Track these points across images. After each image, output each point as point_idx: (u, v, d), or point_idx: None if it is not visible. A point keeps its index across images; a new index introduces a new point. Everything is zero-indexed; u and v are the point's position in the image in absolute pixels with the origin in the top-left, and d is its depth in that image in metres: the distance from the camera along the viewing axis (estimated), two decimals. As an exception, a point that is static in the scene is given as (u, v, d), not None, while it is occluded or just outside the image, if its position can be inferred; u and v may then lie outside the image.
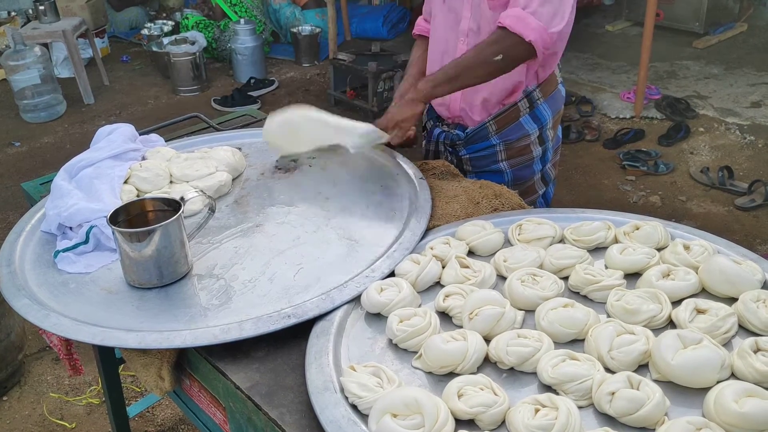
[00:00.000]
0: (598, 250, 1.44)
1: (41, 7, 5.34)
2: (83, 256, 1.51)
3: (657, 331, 1.17)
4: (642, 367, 1.12)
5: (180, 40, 5.75)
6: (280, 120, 1.86)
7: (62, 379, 2.81)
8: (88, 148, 1.82)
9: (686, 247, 1.37)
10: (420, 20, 2.09)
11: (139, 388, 2.73)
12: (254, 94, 5.51)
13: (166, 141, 2.00)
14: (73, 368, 1.77)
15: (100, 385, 2.55)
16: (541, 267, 1.37)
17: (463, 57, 1.74)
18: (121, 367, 2.15)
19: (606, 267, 1.36)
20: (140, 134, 1.94)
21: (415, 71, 2.03)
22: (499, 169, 1.95)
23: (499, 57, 1.69)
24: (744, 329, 1.18)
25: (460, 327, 1.23)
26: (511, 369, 1.14)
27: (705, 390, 1.05)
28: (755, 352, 1.09)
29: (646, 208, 3.78)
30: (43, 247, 1.58)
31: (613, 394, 1.02)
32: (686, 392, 1.06)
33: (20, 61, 5.06)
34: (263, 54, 5.99)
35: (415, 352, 1.19)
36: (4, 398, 2.71)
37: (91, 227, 1.51)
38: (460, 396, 1.05)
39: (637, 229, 1.45)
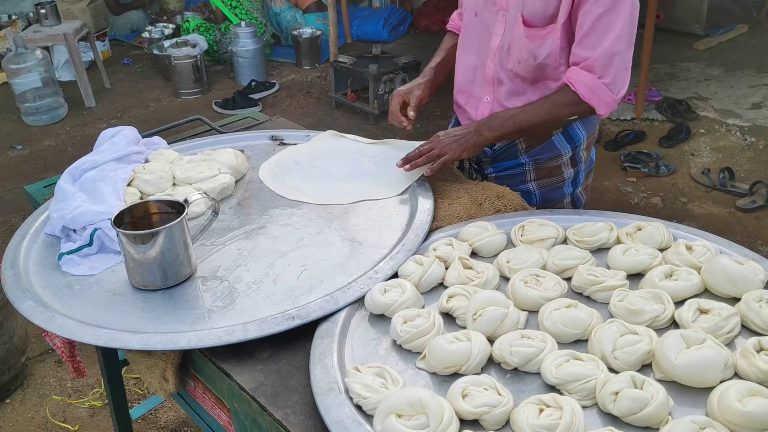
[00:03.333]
0: (600, 250, 1.44)
1: (42, 11, 5.35)
2: (87, 259, 1.51)
3: (660, 331, 1.17)
4: (645, 367, 1.12)
5: (181, 42, 5.76)
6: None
7: (65, 382, 2.81)
8: (91, 150, 1.82)
9: (689, 248, 1.37)
10: (455, 15, 2.02)
11: (142, 390, 2.73)
12: (255, 96, 5.52)
13: (168, 143, 2.00)
14: (76, 371, 1.77)
15: (103, 388, 2.55)
16: (544, 268, 1.37)
17: (535, 111, 1.69)
18: (124, 369, 2.15)
19: (609, 268, 1.37)
20: (143, 137, 1.94)
21: (443, 57, 1.97)
22: (527, 189, 1.88)
23: (574, 117, 1.71)
24: (747, 329, 1.19)
25: (464, 328, 1.23)
26: (515, 369, 1.14)
27: (708, 389, 1.05)
28: (758, 351, 1.09)
29: (647, 210, 3.79)
30: (47, 249, 1.58)
31: (616, 393, 1.03)
32: (690, 392, 1.07)
33: (21, 64, 5.07)
34: (264, 57, 6.00)
35: (419, 353, 1.19)
36: (7, 401, 2.71)
37: (95, 229, 1.52)
38: (464, 396, 1.05)
39: (640, 229, 1.46)
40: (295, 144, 2.05)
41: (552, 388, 1.09)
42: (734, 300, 1.24)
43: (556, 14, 1.64)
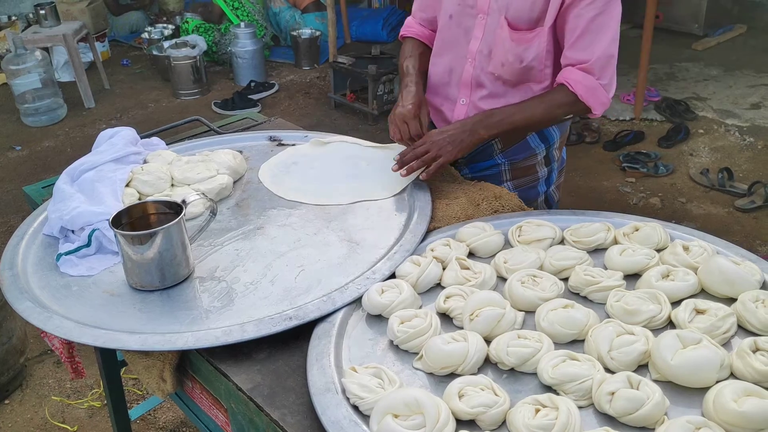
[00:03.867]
0: (597, 251, 1.45)
1: (42, 11, 5.35)
2: (85, 259, 1.52)
3: (656, 331, 1.18)
4: (642, 367, 1.12)
5: (180, 43, 5.76)
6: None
7: (64, 383, 2.81)
8: (90, 151, 1.83)
9: (685, 248, 1.37)
10: (411, 22, 1.99)
11: (141, 391, 2.73)
12: (254, 97, 5.52)
13: (167, 144, 2.00)
14: (75, 371, 1.77)
15: (102, 388, 2.56)
16: (541, 268, 1.38)
17: (533, 110, 1.69)
18: (122, 370, 2.16)
19: (606, 268, 1.37)
20: (141, 137, 1.95)
21: (420, 64, 1.89)
22: None
23: (569, 116, 1.76)
24: (743, 329, 1.19)
25: (461, 328, 1.24)
26: (512, 369, 1.14)
27: (704, 390, 1.05)
28: (754, 351, 1.09)
29: (646, 210, 3.79)
30: (45, 250, 1.58)
31: (613, 394, 1.03)
32: (686, 392, 1.07)
33: (21, 65, 5.08)
34: (263, 57, 6.00)
35: (416, 353, 1.19)
36: (6, 402, 2.72)
37: (94, 230, 1.52)
38: (460, 396, 1.05)
39: (637, 230, 1.46)
40: (294, 145, 2.05)
41: (548, 389, 1.09)
42: (731, 300, 1.24)
43: (541, 17, 1.66)
